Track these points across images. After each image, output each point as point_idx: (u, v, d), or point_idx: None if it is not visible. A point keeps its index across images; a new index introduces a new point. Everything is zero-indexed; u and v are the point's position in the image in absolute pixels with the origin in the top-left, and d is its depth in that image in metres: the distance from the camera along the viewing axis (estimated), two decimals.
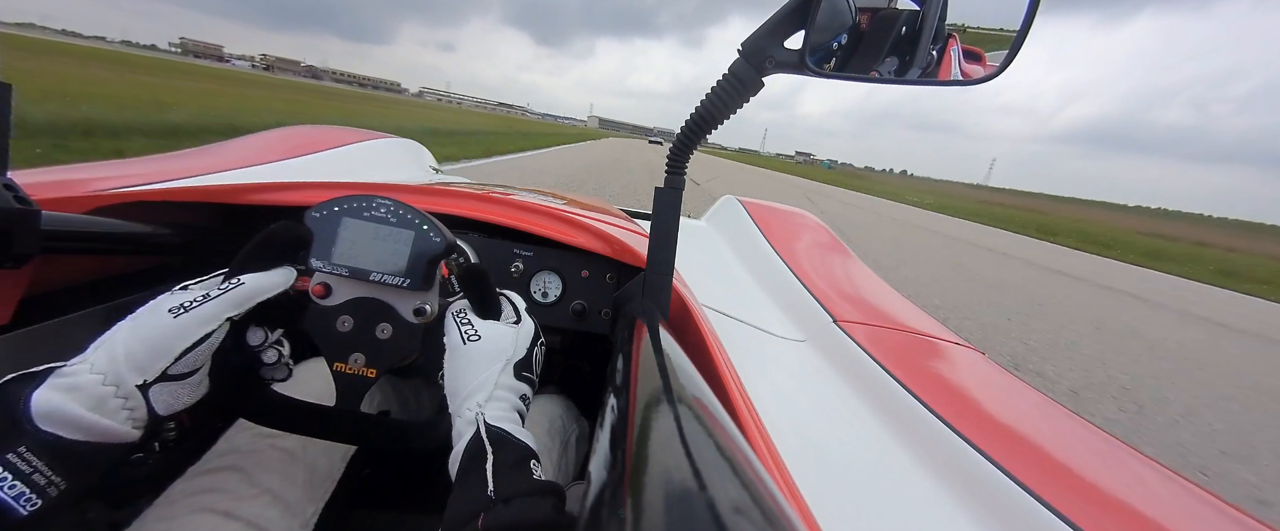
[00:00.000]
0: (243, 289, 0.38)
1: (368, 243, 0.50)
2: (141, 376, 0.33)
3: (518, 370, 0.41)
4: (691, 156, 0.54)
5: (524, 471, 0.34)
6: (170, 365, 0.34)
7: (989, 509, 0.51)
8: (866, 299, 1.14)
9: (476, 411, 0.37)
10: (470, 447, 0.35)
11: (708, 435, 0.28)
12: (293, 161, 1.36)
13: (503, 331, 0.43)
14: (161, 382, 0.34)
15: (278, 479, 0.46)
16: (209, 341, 0.36)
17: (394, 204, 0.51)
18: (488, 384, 0.39)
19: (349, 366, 0.51)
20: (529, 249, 0.76)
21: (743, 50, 0.44)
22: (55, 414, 0.30)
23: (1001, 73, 0.46)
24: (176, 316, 0.35)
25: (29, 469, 0.28)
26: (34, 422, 0.29)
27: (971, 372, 0.86)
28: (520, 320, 0.45)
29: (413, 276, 0.50)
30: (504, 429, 0.36)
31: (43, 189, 0.59)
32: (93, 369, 0.32)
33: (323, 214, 0.50)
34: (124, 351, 0.33)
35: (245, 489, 0.44)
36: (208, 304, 0.36)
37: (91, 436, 0.31)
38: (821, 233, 1.58)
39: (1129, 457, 0.62)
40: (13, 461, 0.27)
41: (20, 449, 0.28)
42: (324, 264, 0.49)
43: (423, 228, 0.51)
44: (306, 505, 0.47)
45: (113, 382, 0.32)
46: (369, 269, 0.50)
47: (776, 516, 0.22)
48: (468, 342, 0.42)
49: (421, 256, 0.51)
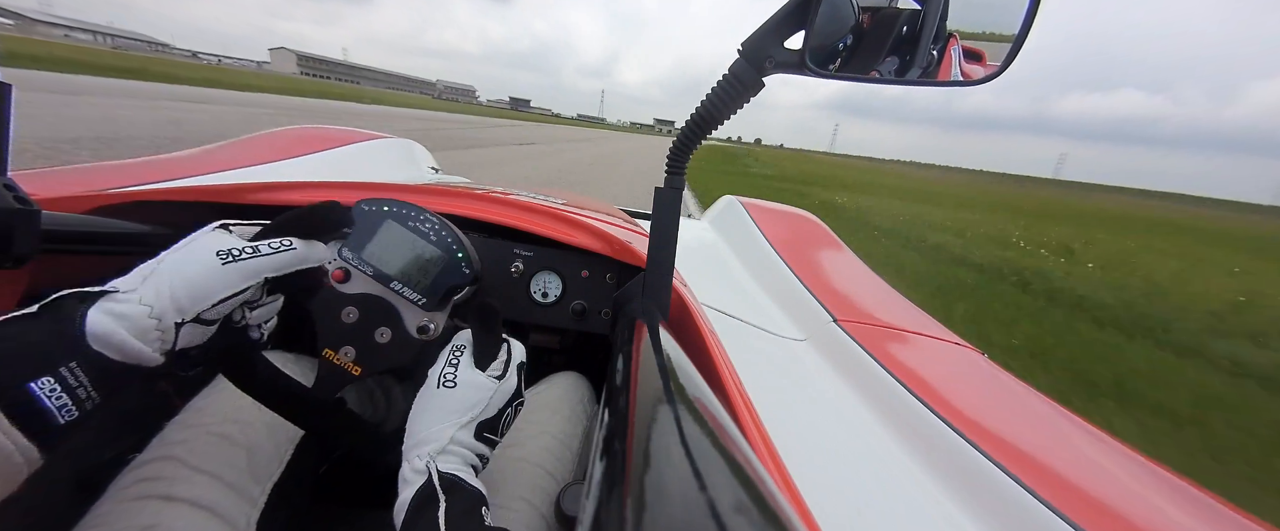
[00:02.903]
0: (292, 253, 0.39)
1: (401, 250, 0.51)
2: (181, 315, 0.34)
3: (479, 430, 0.40)
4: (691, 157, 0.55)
5: (475, 519, 0.34)
6: (206, 310, 0.35)
7: (988, 507, 0.51)
8: (866, 298, 1.14)
9: (428, 460, 0.37)
10: (420, 494, 0.35)
11: (708, 435, 0.28)
12: (293, 161, 1.36)
13: (480, 384, 0.41)
14: (194, 323, 0.35)
15: (216, 462, 0.45)
16: (245, 295, 0.37)
17: (440, 223, 0.52)
18: (442, 437, 0.38)
19: (338, 357, 0.51)
20: (529, 249, 0.76)
21: (743, 50, 0.44)
22: (106, 336, 0.31)
23: (1002, 72, 0.46)
24: (224, 263, 0.36)
25: (76, 382, 0.29)
26: (88, 341, 0.30)
27: (971, 372, 0.86)
28: (504, 376, 0.43)
29: (429, 297, 0.51)
30: (456, 475, 0.36)
31: (43, 189, 0.59)
32: (141, 301, 0.33)
33: (372, 209, 0.51)
34: (169, 290, 0.34)
35: (183, 472, 0.43)
36: (255, 259, 0.37)
37: (129, 359, 0.32)
38: (822, 232, 1.58)
39: (1128, 457, 0.62)
40: (63, 374, 0.29)
41: (71, 363, 0.29)
42: (355, 256, 0.50)
43: (457, 255, 0.52)
44: (251, 485, 0.46)
45: (157, 316, 0.33)
46: (392, 276, 0.51)
47: (776, 516, 0.22)
48: (441, 387, 0.41)
49: (445, 281, 0.51)
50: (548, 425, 0.60)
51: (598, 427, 0.47)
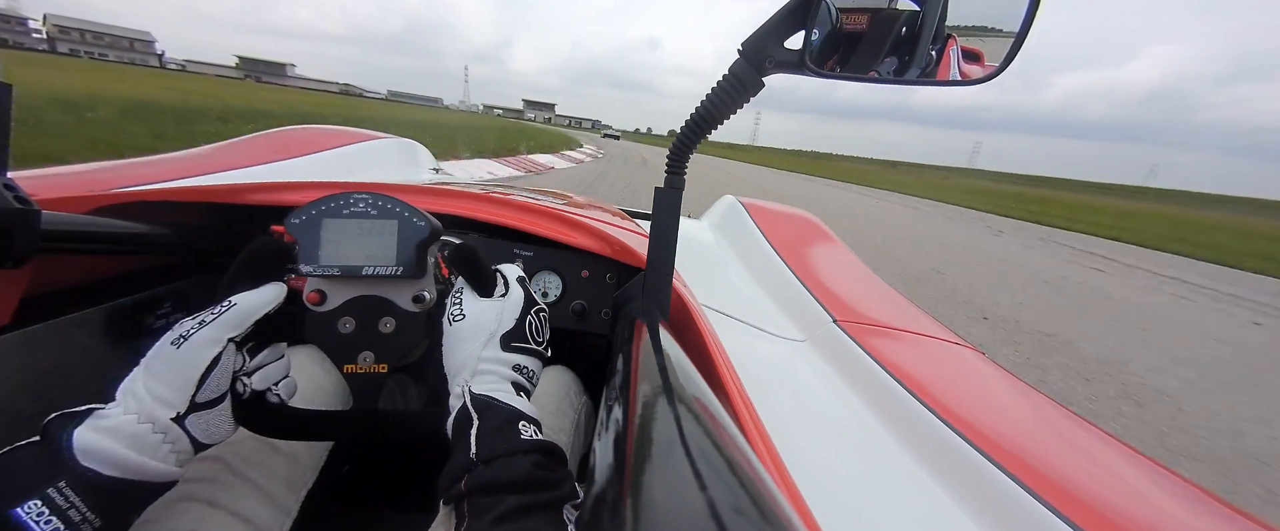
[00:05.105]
0: (236, 310, 0.38)
1: (353, 239, 0.50)
2: (172, 409, 0.34)
3: (506, 342, 0.42)
4: (691, 156, 0.54)
5: (509, 433, 0.35)
6: (195, 393, 0.35)
7: (988, 508, 0.51)
8: (866, 299, 1.14)
9: (464, 386, 0.38)
10: (458, 418, 0.36)
11: (708, 435, 0.28)
12: (292, 162, 1.36)
13: (485, 307, 0.43)
14: (194, 413, 0.35)
15: (258, 470, 0.46)
16: (221, 365, 0.37)
17: (372, 196, 0.51)
18: (470, 361, 0.40)
19: (359, 366, 0.51)
20: (529, 249, 0.76)
21: (743, 50, 0.44)
22: (96, 450, 0.30)
23: (1001, 72, 0.46)
24: (178, 347, 0.35)
25: (66, 504, 0.28)
26: (76, 458, 0.29)
27: (971, 372, 0.86)
28: (507, 293, 0.45)
29: (405, 264, 0.50)
30: (491, 396, 0.37)
31: (43, 189, 0.59)
32: (125, 411, 0.33)
33: (302, 219, 0.49)
34: (145, 389, 0.34)
35: (228, 478, 0.44)
36: (204, 329, 0.37)
37: (134, 475, 0.31)
38: (821, 233, 1.58)
39: (1128, 457, 0.62)
40: (51, 495, 0.28)
41: (60, 484, 0.28)
42: (314, 267, 0.49)
43: (405, 214, 0.51)
44: (288, 495, 0.47)
45: (147, 420, 0.33)
46: (360, 264, 0.49)
47: (776, 516, 0.22)
48: (453, 324, 0.43)
49: (409, 242, 0.50)
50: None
51: (598, 427, 0.47)
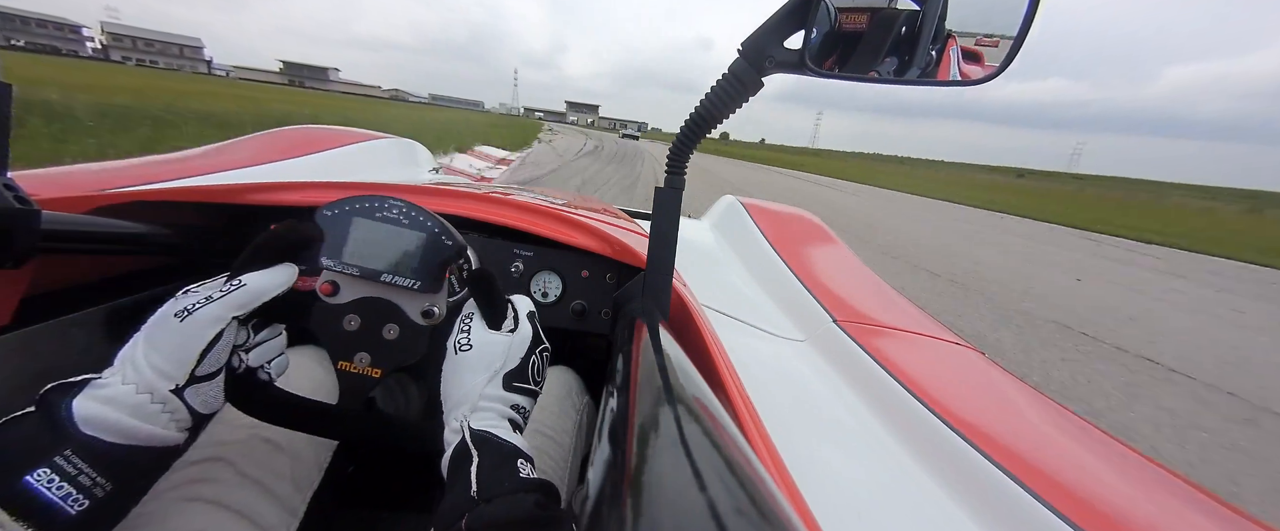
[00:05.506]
0: (244, 290, 0.38)
1: (379, 243, 0.50)
2: (171, 381, 0.34)
3: (508, 381, 0.40)
4: (691, 156, 0.54)
5: (509, 471, 0.34)
6: (195, 367, 0.35)
7: (988, 508, 0.51)
8: (866, 299, 1.14)
9: (462, 420, 0.37)
10: (456, 453, 0.36)
11: (708, 435, 0.28)
12: (292, 161, 1.36)
13: (495, 341, 0.42)
14: (193, 385, 0.35)
15: (264, 470, 0.46)
16: (222, 341, 0.37)
17: (407, 205, 0.51)
18: (472, 396, 0.39)
19: (354, 365, 0.51)
20: (529, 249, 0.76)
21: (743, 50, 0.44)
22: (97, 419, 0.30)
23: (1001, 72, 0.46)
24: (182, 321, 0.35)
25: (74, 470, 0.29)
26: (77, 426, 0.30)
27: (971, 372, 0.86)
28: (516, 328, 0.44)
29: (423, 279, 0.50)
30: (490, 432, 0.36)
31: (43, 189, 0.59)
32: (124, 380, 0.33)
33: (334, 213, 0.49)
34: (145, 361, 0.34)
35: (233, 478, 0.44)
36: (211, 305, 0.36)
37: (136, 440, 0.32)
38: (822, 233, 1.58)
39: (1128, 457, 0.62)
40: (59, 463, 0.28)
41: (66, 451, 0.29)
42: (334, 262, 0.49)
43: (435, 230, 0.51)
44: (294, 495, 0.47)
45: (145, 390, 0.33)
46: (380, 269, 0.49)
47: (776, 516, 0.22)
48: (459, 352, 0.41)
49: (432, 259, 0.50)
50: (537, 420, 0.60)
51: (598, 424, 0.47)
